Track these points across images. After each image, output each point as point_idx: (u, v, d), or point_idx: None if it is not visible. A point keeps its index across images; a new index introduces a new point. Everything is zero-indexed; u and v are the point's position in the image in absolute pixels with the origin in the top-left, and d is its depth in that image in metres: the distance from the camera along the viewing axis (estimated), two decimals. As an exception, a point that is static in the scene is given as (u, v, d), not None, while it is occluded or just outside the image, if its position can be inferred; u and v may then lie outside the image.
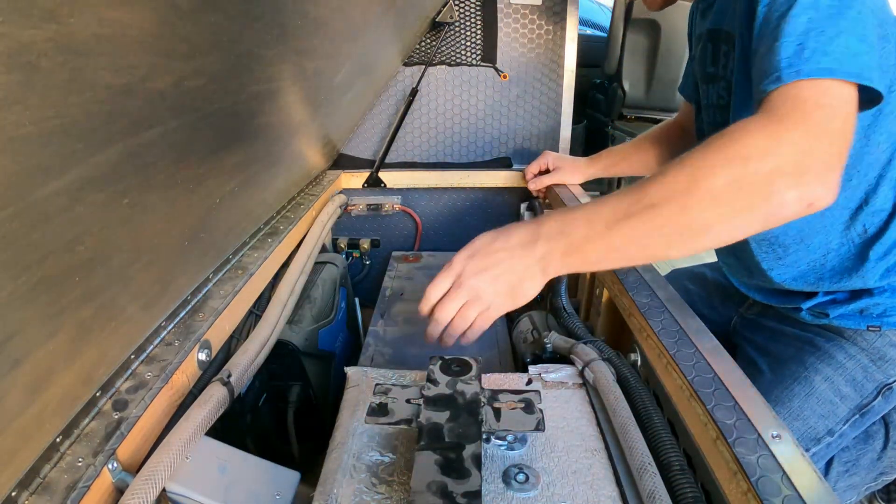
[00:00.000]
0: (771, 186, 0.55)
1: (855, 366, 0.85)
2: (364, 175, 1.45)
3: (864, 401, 0.85)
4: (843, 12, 0.60)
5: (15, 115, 0.31)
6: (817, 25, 0.59)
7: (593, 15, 4.23)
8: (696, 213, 0.56)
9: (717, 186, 0.55)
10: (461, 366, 0.61)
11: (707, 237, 0.58)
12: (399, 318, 1.10)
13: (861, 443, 0.93)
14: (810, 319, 0.89)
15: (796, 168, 0.55)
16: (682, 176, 0.57)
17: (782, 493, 0.45)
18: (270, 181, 0.93)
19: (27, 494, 0.44)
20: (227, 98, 0.59)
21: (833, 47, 0.58)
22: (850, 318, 0.85)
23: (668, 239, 0.58)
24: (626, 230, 0.58)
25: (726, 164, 0.56)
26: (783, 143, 0.55)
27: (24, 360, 0.41)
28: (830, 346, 0.87)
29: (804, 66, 0.58)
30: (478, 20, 1.38)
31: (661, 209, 0.57)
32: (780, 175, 0.55)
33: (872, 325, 0.84)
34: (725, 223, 0.56)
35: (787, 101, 0.58)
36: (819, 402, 0.86)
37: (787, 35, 0.60)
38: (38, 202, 0.36)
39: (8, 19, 0.28)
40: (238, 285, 0.78)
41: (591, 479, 0.54)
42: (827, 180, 0.56)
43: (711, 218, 0.56)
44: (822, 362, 0.86)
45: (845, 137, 0.57)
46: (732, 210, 0.56)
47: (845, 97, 0.58)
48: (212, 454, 0.59)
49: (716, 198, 0.56)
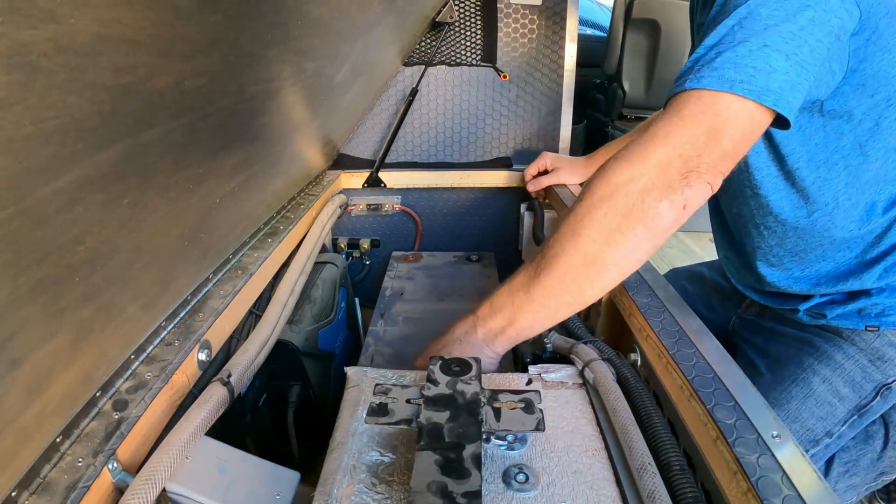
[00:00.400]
0: (643, 204, 0.59)
1: (853, 366, 0.85)
2: (364, 175, 1.45)
3: (863, 401, 0.85)
4: (780, 24, 0.58)
5: (15, 115, 0.31)
6: (743, 35, 0.59)
7: (593, 15, 4.23)
8: (589, 250, 0.61)
9: (597, 219, 0.60)
10: (461, 366, 0.61)
11: (611, 268, 0.62)
12: (399, 318, 1.10)
13: (861, 443, 0.93)
14: (808, 320, 0.89)
15: (662, 181, 0.59)
16: (571, 219, 0.62)
17: (782, 493, 0.45)
18: (270, 181, 0.93)
19: (27, 494, 0.44)
20: (227, 98, 0.59)
21: (749, 60, 0.58)
22: (848, 319, 0.85)
23: (578, 283, 0.63)
24: (539, 288, 0.64)
25: (600, 199, 0.61)
26: (646, 161, 0.59)
27: (24, 360, 0.41)
28: (829, 346, 0.87)
29: (707, 76, 0.58)
30: (478, 20, 1.38)
31: (559, 257, 0.62)
32: (648, 191, 0.59)
33: (871, 325, 0.84)
34: (617, 249, 0.61)
35: (672, 111, 0.60)
36: (817, 404, 0.85)
37: (711, 38, 0.61)
38: (38, 202, 0.36)
39: (8, 19, 0.28)
40: (238, 285, 0.78)
41: (591, 479, 0.54)
42: (695, 186, 0.59)
43: (602, 249, 0.61)
44: (820, 363, 0.86)
45: (726, 152, 0.59)
46: (617, 236, 0.60)
47: (743, 115, 0.59)
48: (212, 454, 0.59)
49: (599, 230, 0.61)
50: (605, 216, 0.60)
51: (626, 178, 0.59)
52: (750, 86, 0.57)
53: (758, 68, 0.57)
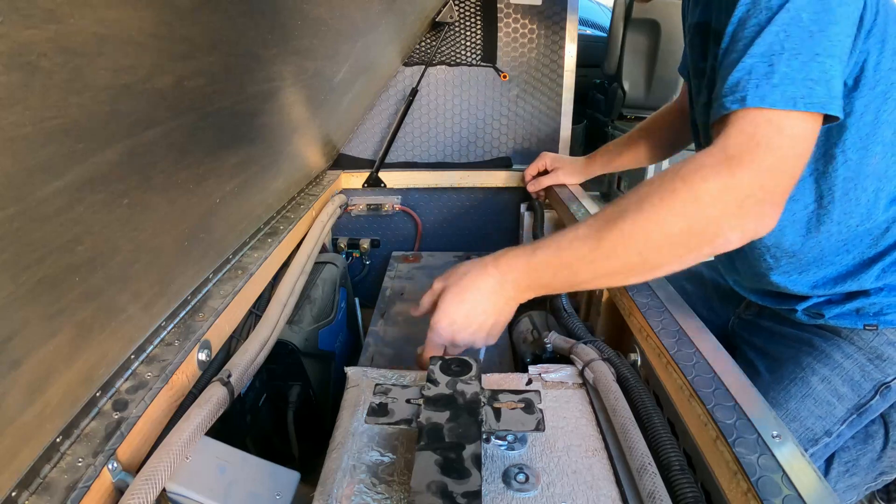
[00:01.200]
0: (718, 229, 0.60)
1: (852, 365, 0.84)
2: (364, 175, 1.45)
3: (862, 400, 0.84)
4: (825, 29, 0.58)
5: (15, 115, 0.31)
6: (793, 45, 0.58)
7: (593, 15, 4.23)
8: (651, 256, 0.62)
9: (672, 234, 0.60)
10: (461, 366, 0.61)
11: (659, 271, 0.64)
12: (399, 318, 1.10)
13: (861, 443, 0.93)
14: (806, 320, 0.89)
15: (740, 210, 0.59)
16: (642, 221, 0.61)
17: (782, 493, 0.45)
18: (270, 181, 0.93)
19: (27, 494, 0.44)
20: (227, 98, 0.59)
21: (805, 73, 0.58)
22: (846, 318, 0.85)
23: (626, 275, 0.65)
24: (589, 272, 0.65)
25: (682, 214, 0.60)
26: (732, 187, 0.59)
27: (24, 360, 0.41)
28: (827, 345, 0.87)
29: (770, 94, 0.58)
30: (478, 20, 1.38)
31: (620, 255, 0.63)
32: (726, 218, 0.59)
33: (869, 325, 0.83)
34: (676, 261, 0.63)
35: (743, 133, 0.59)
36: (816, 403, 0.85)
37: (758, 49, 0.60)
38: (38, 202, 0.36)
39: (8, 19, 0.28)
40: (238, 285, 0.78)
41: (591, 479, 0.54)
42: (766, 219, 0.60)
43: (665, 258, 0.62)
44: (819, 362, 0.86)
45: (794, 175, 0.60)
46: (683, 250, 0.61)
47: (807, 131, 0.59)
48: (212, 454, 0.59)
49: (672, 244, 0.61)
50: (682, 234, 0.60)
51: (710, 201, 0.59)
52: (811, 100, 0.58)
53: (815, 80, 0.58)
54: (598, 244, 0.63)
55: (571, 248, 0.65)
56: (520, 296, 0.70)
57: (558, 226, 1.30)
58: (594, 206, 1.13)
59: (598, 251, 0.63)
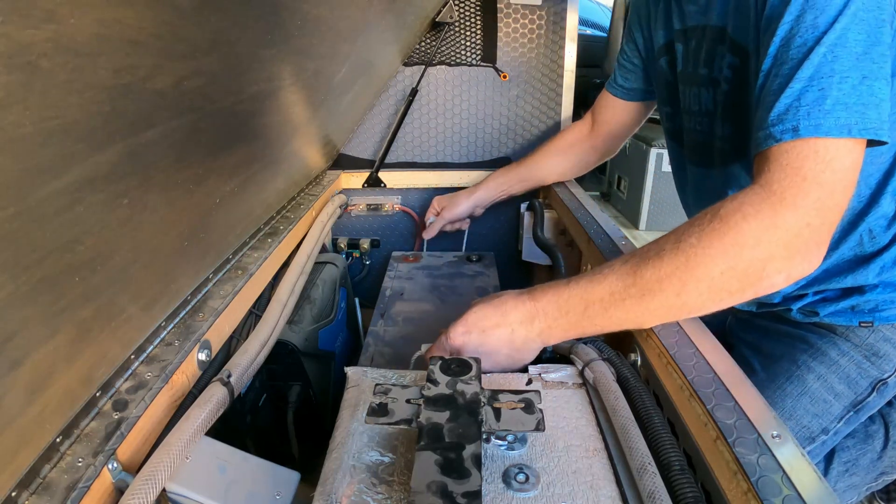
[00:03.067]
0: (763, 272, 0.57)
1: (848, 362, 0.84)
2: (364, 175, 1.45)
3: (859, 397, 0.84)
4: (870, 50, 0.56)
5: (15, 115, 0.31)
6: (841, 68, 0.55)
7: (593, 15, 4.23)
8: (691, 298, 0.59)
9: (712, 276, 0.58)
10: (461, 366, 0.61)
11: (695, 314, 0.62)
12: (399, 318, 1.10)
13: (861, 443, 0.93)
14: (801, 318, 0.89)
15: (787, 252, 0.56)
16: (680, 261, 0.59)
17: (782, 493, 0.45)
18: (270, 181, 0.93)
19: (27, 494, 0.44)
20: (227, 98, 0.59)
21: (856, 97, 0.55)
22: (841, 316, 0.84)
23: (659, 317, 0.63)
24: (621, 312, 0.62)
25: (723, 254, 0.57)
26: (777, 228, 0.56)
27: (24, 360, 0.41)
28: (823, 342, 0.86)
29: (824, 121, 0.55)
30: (478, 20, 1.38)
31: (656, 295, 0.60)
32: (772, 260, 0.57)
33: (864, 321, 0.83)
34: (716, 304, 0.60)
35: (790, 167, 0.56)
36: (812, 401, 0.85)
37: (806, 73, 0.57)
38: (38, 202, 0.36)
39: (8, 19, 0.28)
40: (238, 285, 0.78)
41: (591, 479, 0.54)
42: (813, 259, 0.58)
43: (704, 301, 0.60)
44: (814, 360, 0.86)
45: (842, 208, 0.57)
46: (725, 294, 0.59)
47: (855, 160, 0.57)
48: (212, 454, 0.59)
49: (711, 286, 0.58)
50: (723, 276, 0.57)
51: (753, 242, 0.56)
52: (865, 125, 0.55)
53: (866, 104, 0.55)
54: (633, 281, 0.61)
55: (606, 282, 0.63)
56: (546, 334, 0.67)
57: (558, 226, 1.30)
58: (594, 206, 1.13)
59: (633, 288, 0.61)
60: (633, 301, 0.61)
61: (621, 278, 0.62)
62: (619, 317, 0.63)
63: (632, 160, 3.04)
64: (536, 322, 0.67)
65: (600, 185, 3.51)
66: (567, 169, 1.28)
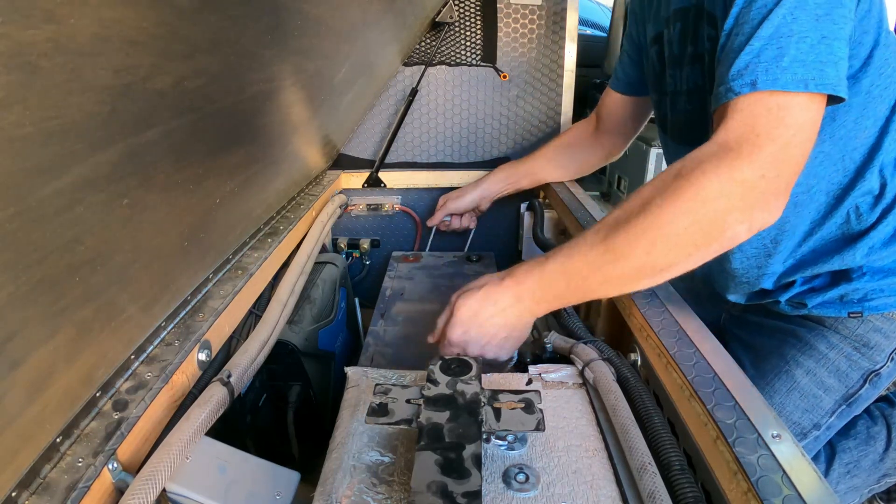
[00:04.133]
0: (724, 223, 0.59)
1: (837, 355, 0.83)
2: (364, 175, 1.45)
3: (850, 390, 0.83)
4: (832, 12, 0.58)
5: (15, 115, 0.31)
6: (800, 28, 0.57)
7: (593, 15, 4.23)
8: (660, 257, 0.61)
9: (677, 232, 0.60)
10: (461, 366, 0.61)
11: (670, 272, 0.63)
12: (399, 318, 1.10)
13: (863, 444, 0.92)
14: (790, 311, 0.88)
15: (745, 203, 0.58)
16: (647, 221, 0.61)
17: (782, 493, 0.45)
18: (270, 181, 0.93)
19: (27, 494, 0.44)
20: (227, 98, 0.59)
21: (814, 55, 0.57)
22: (830, 307, 0.83)
23: (636, 278, 0.64)
24: (599, 278, 0.65)
25: (686, 211, 0.59)
26: (735, 181, 0.58)
27: (24, 360, 0.41)
28: (812, 336, 0.85)
29: (781, 76, 0.57)
30: (478, 20, 1.38)
31: (629, 258, 0.62)
32: (732, 212, 0.59)
33: (853, 312, 0.82)
34: (686, 259, 0.62)
35: (744, 123, 0.59)
36: (802, 397, 0.84)
37: (766, 32, 0.59)
38: (38, 202, 0.36)
39: (8, 19, 0.28)
40: (238, 285, 0.78)
41: (591, 479, 0.54)
42: (772, 209, 0.60)
43: (673, 258, 0.61)
44: (803, 354, 0.85)
45: (799, 162, 0.59)
46: (692, 248, 0.61)
47: (813, 115, 0.58)
48: (212, 454, 0.59)
49: (677, 242, 0.60)
50: (687, 230, 0.59)
51: (715, 194, 0.58)
52: (822, 81, 0.57)
53: (824, 62, 0.57)
54: (605, 248, 0.63)
55: (580, 254, 0.65)
56: (535, 309, 0.70)
57: (558, 226, 1.30)
58: (594, 206, 1.13)
59: (607, 255, 0.63)
60: (609, 267, 0.63)
61: (594, 247, 0.64)
62: (599, 283, 0.65)
63: (632, 160, 3.04)
64: (524, 301, 0.70)
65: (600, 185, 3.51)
66: (570, 167, 1.28)
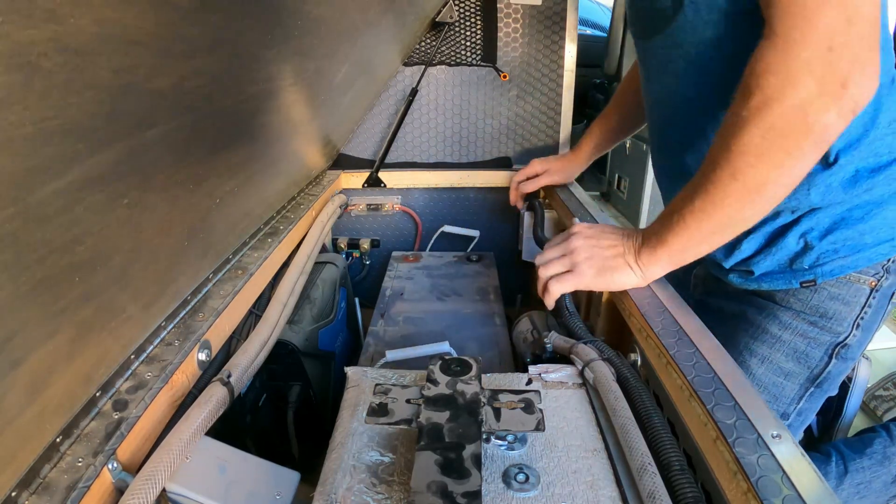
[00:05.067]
0: (807, 118, 0.52)
1: (793, 336, 0.76)
2: (364, 175, 1.45)
3: (815, 370, 0.76)
4: None
5: (15, 115, 0.31)
6: None
7: (593, 15, 4.23)
8: (749, 175, 0.56)
9: (754, 143, 0.55)
10: (461, 366, 0.61)
11: (777, 187, 0.57)
12: (399, 318, 1.10)
13: (877, 465, 0.89)
14: (738, 283, 0.81)
15: (822, 89, 0.51)
16: (725, 148, 0.57)
17: (782, 493, 0.45)
18: (270, 181, 0.93)
19: (27, 494, 0.44)
20: (227, 98, 0.59)
21: None
22: (779, 278, 0.76)
23: (737, 207, 0.59)
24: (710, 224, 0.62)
25: (753, 119, 0.54)
26: (795, 71, 0.52)
27: (24, 360, 0.41)
28: (762, 318, 0.78)
29: None
30: (478, 20, 1.38)
31: (726, 188, 0.58)
32: (811, 103, 0.52)
33: (805, 281, 0.74)
34: (779, 170, 0.56)
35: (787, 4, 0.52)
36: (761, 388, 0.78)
37: None
38: (38, 202, 0.36)
39: (8, 19, 0.28)
40: (238, 285, 0.78)
41: (591, 479, 0.55)
42: (860, 79, 0.51)
43: (764, 173, 0.56)
44: (755, 341, 0.79)
45: (869, 17, 0.50)
46: (781, 155, 0.55)
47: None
48: (212, 454, 0.59)
49: (759, 153, 0.55)
50: (763, 138, 0.54)
51: (778, 94, 0.52)
52: None
53: None
54: (705, 194, 0.60)
55: (692, 216, 0.63)
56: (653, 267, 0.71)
57: (558, 226, 1.30)
58: (594, 206, 1.13)
59: (708, 200, 0.60)
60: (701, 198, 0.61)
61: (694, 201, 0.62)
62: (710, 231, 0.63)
63: (632, 160, 3.04)
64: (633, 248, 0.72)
65: (600, 185, 3.51)
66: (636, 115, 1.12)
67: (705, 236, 0.64)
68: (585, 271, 0.74)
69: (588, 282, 0.74)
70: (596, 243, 0.74)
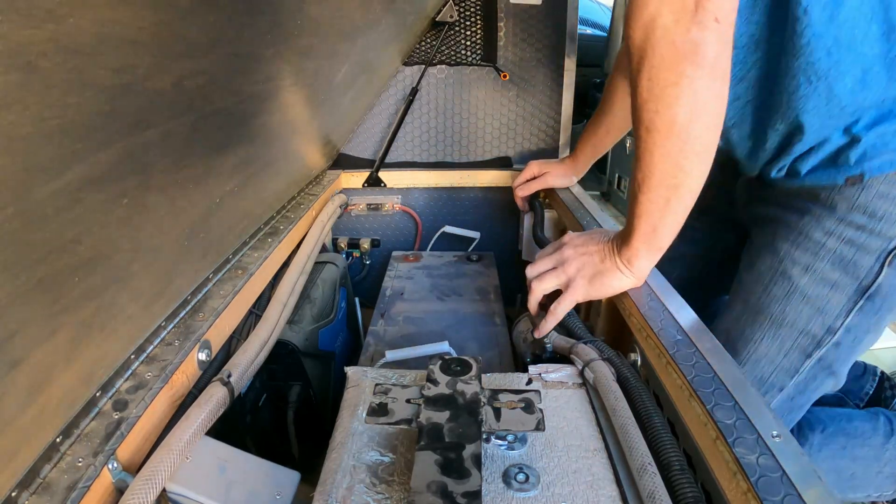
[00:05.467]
0: (675, 46, 0.53)
1: (838, 242, 0.69)
2: (364, 175, 1.45)
3: (865, 281, 0.69)
4: None
5: (15, 115, 0.31)
6: None
7: (593, 15, 4.23)
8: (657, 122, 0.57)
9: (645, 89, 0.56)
10: (461, 366, 0.61)
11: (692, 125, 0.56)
12: (399, 318, 1.10)
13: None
14: (782, 181, 0.75)
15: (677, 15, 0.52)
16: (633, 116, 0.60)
17: (782, 492, 0.45)
18: (270, 181, 0.93)
19: (27, 494, 0.44)
20: (226, 98, 0.59)
21: None
22: (823, 173, 0.69)
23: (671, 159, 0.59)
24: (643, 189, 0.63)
25: (638, 72, 0.56)
26: (650, 13, 0.53)
27: (24, 360, 0.41)
28: (805, 223, 0.72)
29: None
30: (478, 20, 1.38)
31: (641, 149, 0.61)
32: (671, 31, 0.53)
33: (852, 176, 0.67)
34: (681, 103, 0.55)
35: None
36: (804, 300, 0.72)
37: None
38: (38, 202, 0.36)
39: (8, 19, 0.28)
40: (238, 285, 0.78)
41: (591, 479, 0.55)
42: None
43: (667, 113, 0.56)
44: (798, 248, 0.72)
45: None
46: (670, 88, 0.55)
47: None
48: (212, 454, 0.59)
49: (652, 96, 0.56)
50: (650, 80, 0.55)
51: (641, 35, 0.54)
52: None
53: None
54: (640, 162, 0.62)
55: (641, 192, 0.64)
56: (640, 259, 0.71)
57: (558, 226, 1.30)
58: (594, 206, 1.13)
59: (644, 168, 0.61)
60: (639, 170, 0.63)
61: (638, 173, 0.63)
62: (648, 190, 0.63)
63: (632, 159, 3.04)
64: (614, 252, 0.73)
65: (600, 185, 3.51)
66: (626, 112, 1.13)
67: (663, 206, 0.63)
68: (579, 285, 0.75)
69: (583, 293, 0.75)
70: (585, 250, 0.75)
